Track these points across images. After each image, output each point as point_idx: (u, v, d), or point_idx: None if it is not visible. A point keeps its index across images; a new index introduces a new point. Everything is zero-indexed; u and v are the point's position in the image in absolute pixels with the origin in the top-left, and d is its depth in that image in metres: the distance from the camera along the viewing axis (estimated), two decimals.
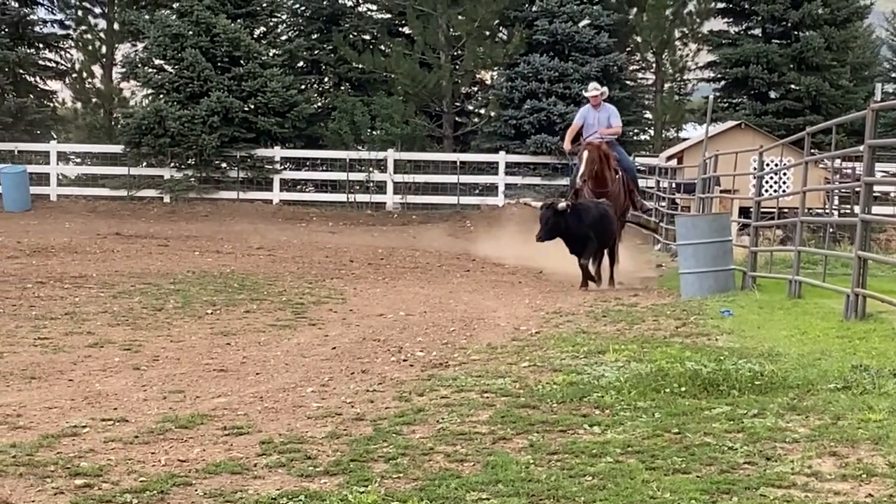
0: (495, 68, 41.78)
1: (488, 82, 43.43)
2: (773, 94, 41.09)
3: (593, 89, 22.89)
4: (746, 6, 41.69)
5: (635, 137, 41.93)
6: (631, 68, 43.20)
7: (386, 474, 7.84)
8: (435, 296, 18.55)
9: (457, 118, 42.71)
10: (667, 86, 44.21)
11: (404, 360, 12.39)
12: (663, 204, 29.42)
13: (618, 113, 22.98)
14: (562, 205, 20.04)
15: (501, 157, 38.26)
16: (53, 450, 8.45)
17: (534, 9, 39.86)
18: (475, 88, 44.29)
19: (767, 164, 24.51)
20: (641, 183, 34.06)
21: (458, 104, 42.79)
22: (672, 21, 43.71)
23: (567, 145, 22.90)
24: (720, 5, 43.06)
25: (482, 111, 43.63)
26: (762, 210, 21.11)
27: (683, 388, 10.02)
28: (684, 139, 38.78)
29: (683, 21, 44.10)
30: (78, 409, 9.85)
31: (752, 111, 39.47)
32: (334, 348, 13.36)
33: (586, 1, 39.62)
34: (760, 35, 41.72)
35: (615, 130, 22.53)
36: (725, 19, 43.24)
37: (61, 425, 9.21)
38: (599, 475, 7.69)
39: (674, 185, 30.55)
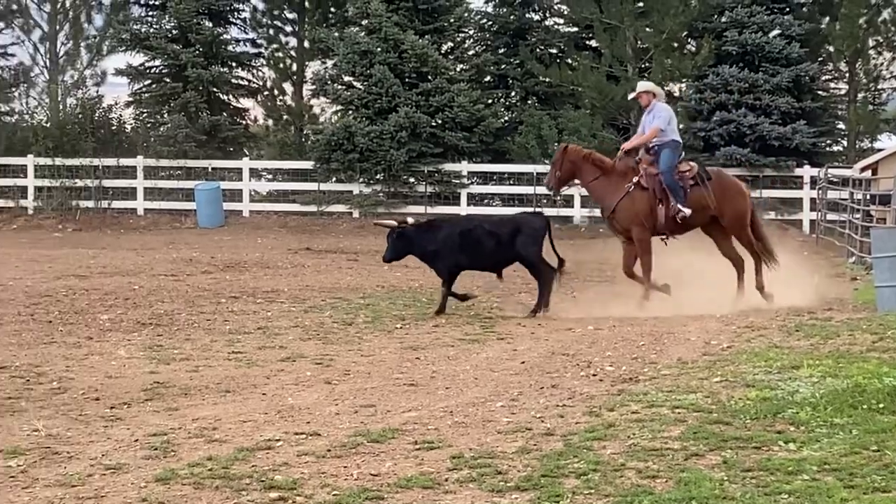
0: (683, 80, 41.40)
1: (676, 94, 43.05)
2: None
3: (639, 88, 19.98)
4: None
5: (828, 148, 41.15)
6: (823, 78, 42.35)
7: (577, 490, 7.80)
8: (624, 309, 18.37)
9: None
10: (860, 95, 43.35)
11: (594, 375, 12.30)
12: (857, 216, 28.81)
13: (663, 114, 19.35)
14: (392, 223, 18.79)
15: None
16: (248, 463, 8.57)
17: (723, 20, 39.42)
18: None
19: None
20: (833, 195, 33.52)
21: None
22: (866, 30, 42.87)
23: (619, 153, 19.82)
24: None
25: None
26: None
27: (882, 405, 9.78)
28: (879, 150, 37.92)
29: (878, 29, 43.24)
30: (271, 423, 9.98)
31: None
32: (523, 363, 13.32)
33: (777, 11, 39.06)
34: None
35: (644, 138, 19.29)
36: None
37: (256, 439, 9.34)
38: (795, 493, 7.54)
39: (868, 197, 29.92)
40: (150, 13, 42.42)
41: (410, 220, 19.13)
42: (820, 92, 41.48)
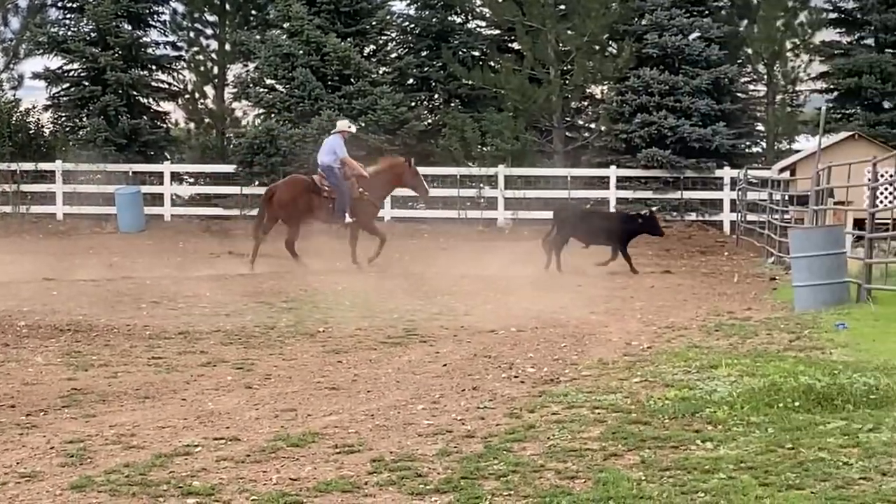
0: (605, 83, 41.59)
1: (598, 97, 43.28)
2: (886, 105, 40.42)
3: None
4: (859, 16, 41.08)
5: (747, 150, 41.43)
6: (742, 80, 42.60)
7: (496, 492, 7.83)
8: (546, 311, 18.45)
9: (567, 133, 42.59)
10: (779, 97, 43.77)
11: (515, 377, 12.36)
12: (776, 217, 29.07)
13: None
14: None
15: (612, 172, 38.04)
16: (166, 469, 8.53)
17: (643, 22, 39.67)
18: (585, 103, 44.02)
19: (882, 175, 24.16)
20: (752, 196, 33.87)
21: (567, 119, 42.67)
22: (783, 32, 43.32)
23: None
24: (832, 16, 42.37)
25: (592, 126, 43.53)
26: (877, 221, 20.79)
27: (797, 403, 9.90)
28: (797, 151, 38.34)
29: (795, 32, 43.65)
30: (191, 429, 9.94)
31: (866, 122, 38.72)
32: (445, 365, 13.35)
33: (696, 14, 39.33)
34: (873, 45, 41.02)
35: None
36: (837, 29, 42.48)
37: (174, 444, 9.29)
38: (712, 492, 7.61)
39: (787, 198, 30.22)
40: (68, 16, 42.12)
41: None
42: (739, 94, 41.78)
